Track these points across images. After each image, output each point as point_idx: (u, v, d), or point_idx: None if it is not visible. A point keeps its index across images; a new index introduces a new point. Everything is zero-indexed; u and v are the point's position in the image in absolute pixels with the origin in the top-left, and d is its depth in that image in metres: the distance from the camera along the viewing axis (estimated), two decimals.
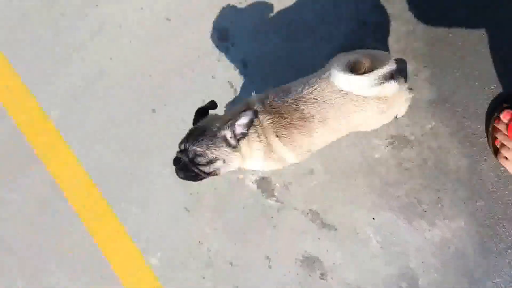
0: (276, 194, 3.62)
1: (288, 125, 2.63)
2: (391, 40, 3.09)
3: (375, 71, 2.34)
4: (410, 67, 3.10)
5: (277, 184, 3.60)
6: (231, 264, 3.82)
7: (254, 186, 3.67)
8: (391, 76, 2.43)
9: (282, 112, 2.62)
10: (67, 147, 4.14)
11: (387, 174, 3.32)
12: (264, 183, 3.63)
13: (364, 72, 2.36)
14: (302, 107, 2.55)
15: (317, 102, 2.52)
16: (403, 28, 3.06)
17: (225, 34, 3.52)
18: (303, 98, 2.55)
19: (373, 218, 3.41)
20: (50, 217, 4.36)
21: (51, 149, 4.22)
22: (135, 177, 4.03)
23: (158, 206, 4.03)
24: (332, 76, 2.41)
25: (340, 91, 2.46)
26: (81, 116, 4.06)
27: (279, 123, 2.65)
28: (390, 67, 2.41)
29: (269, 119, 2.65)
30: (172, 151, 3.45)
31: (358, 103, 2.49)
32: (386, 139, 3.27)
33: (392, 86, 2.44)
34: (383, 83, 2.38)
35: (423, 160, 3.22)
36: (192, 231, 3.93)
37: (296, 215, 3.60)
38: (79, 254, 4.28)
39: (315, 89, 2.52)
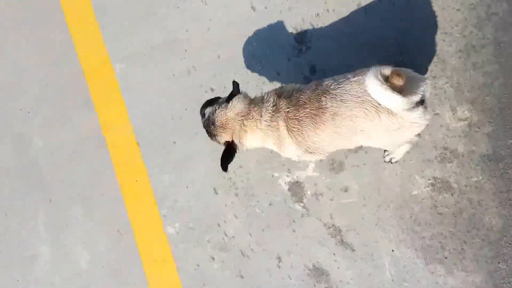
0: (304, 200, 3.45)
1: (302, 117, 2.71)
2: (465, 87, 2.86)
3: (411, 96, 2.33)
4: (475, 118, 2.86)
5: (309, 192, 3.43)
6: (242, 253, 3.67)
7: (286, 188, 3.50)
8: (421, 102, 2.41)
9: (304, 102, 2.70)
10: (121, 101, 4.02)
11: (419, 212, 3.13)
12: (296, 187, 3.46)
13: (397, 90, 2.32)
14: (323, 99, 2.62)
15: (335, 98, 2.57)
16: (481, 79, 2.86)
17: (302, 36, 3.32)
18: (328, 91, 2.61)
19: (393, 250, 3.23)
20: (87, 161, 4.32)
21: (106, 99, 4.13)
22: (177, 146, 3.91)
23: (190, 180, 3.93)
24: (368, 83, 2.37)
25: (358, 97, 2.50)
26: (143, 76, 3.93)
27: (295, 117, 2.73)
28: (423, 93, 2.40)
29: (289, 111, 2.77)
30: None
31: (369, 113, 2.48)
32: (428, 179, 3.08)
33: (419, 114, 2.41)
34: (414, 108, 2.37)
35: (459, 209, 3.02)
36: (215, 213, 3.81)
37: (318, 226, 3.44)
38: (104, 203, 4.19)
39: (339, 87, 2.57)
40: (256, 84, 3.54)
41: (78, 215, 4.39)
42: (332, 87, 2.60)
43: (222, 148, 2.98)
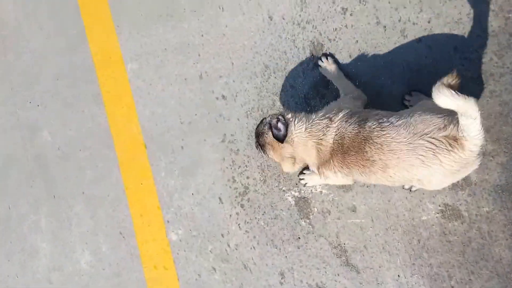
0: (311, 217, 3.56)
1: (349, 163, 2.73)
2: (481, 115, 2.89)
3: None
4: (489, 147, 2.94)
5: (315, 209, 3.53)
6: (245, 266, 3.80)
7: (293, 202, 3.62)
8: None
9: (348, 148, 2.70)
10: (131, 101, 4.17)
11: (427, 239, 3.23)
12: (303, 203, 3.57)
13: None
14: (367, 149, 2.60)
15: (381, 149, 2.55)
16: (497, 107, 2.93)
17: (318, 50, 3.41)
18: (371, 139, 2.59)
19: (399, 275, 3.31)
20: (94, 159, 4.54)
21: (116, 98, 4.33)
22: (184, 152, 4.10)
23: (195, 187, 4.10)
24: (438, 97, 2.30)
25: (408, 144, 2.47)
26: (155, 78, 4.12)
27: (343, 162, 2.77)
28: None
29: (335, 158, 2.80)
30: (227, 138, 3.75)
31: (426, 158, 2.47)
32: (439, 205, 3.16)
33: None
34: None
35: (468, 239, 3.10)
36: (219, 222, 3.96)
37: (323, 244, 3.56)
38: (108, 204, 4.39)
39: (383, 134, 2.55)
40: (269, 95, 3.64)
41: (81, 213, 4.54)
42: (375, 133, 2.57)
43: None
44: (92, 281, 4.58)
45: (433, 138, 2.42)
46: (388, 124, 2.55)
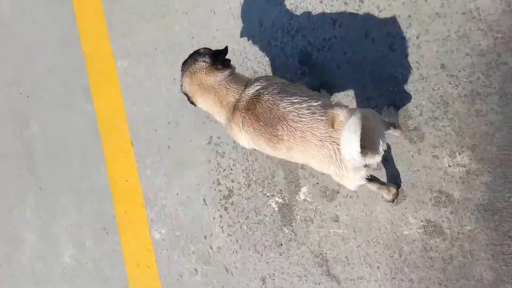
0: (293, 224, 3.57)
1: (258, 130, 2.71)
2: (467, 133, 2.91)
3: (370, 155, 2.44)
4: (473, 166, 2.90)
5: (298, 216, 3.54)
6: (226, 269, 3.80)
7: (276, 208, 3.63)
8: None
9: (259, 114, 2.69)
10: (120, 98, 4.18)
11: (408, 253, 3.22)
12: (286, 210, 3.58)
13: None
14: (279, 127, 2.60)
15: (295, 132, 2.55)
16: (484, 127, 2.90)
17: (306, 58, 3.42)
18: (286, 121, 2.58)
19: None
20: (80, 153, 4.58)
21: (106, 94, 4.36)
22: (171, 151, 4.13)
23: (180, 187, 4.11)
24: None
25: (319, 140, 2.48)
26: (144, 76, 4.09)
27: (251, 124, 2.73)
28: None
29: (245, 115, 2.76)
30: (213, 140, 3.65)
31: (324, 159, 2.52)
32: (421, 221, 3.16)
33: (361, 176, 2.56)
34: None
35: (449, 256, 3.09)
36: (202, 224, 3.97)
37: (305, 252, 3.57)
38: (93, 198, 4.42)
39: (302, 120, 2.54)
40: None
41: (66, 206, 4.56)
42: (291, 117, 2.56)
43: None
44: (75, 274, 4.59)
45: (339, 150, 2.44)
46: (309, 112, 2.53)
